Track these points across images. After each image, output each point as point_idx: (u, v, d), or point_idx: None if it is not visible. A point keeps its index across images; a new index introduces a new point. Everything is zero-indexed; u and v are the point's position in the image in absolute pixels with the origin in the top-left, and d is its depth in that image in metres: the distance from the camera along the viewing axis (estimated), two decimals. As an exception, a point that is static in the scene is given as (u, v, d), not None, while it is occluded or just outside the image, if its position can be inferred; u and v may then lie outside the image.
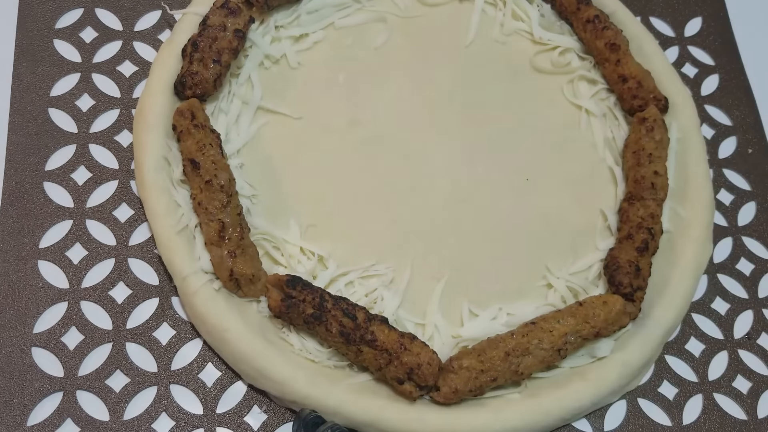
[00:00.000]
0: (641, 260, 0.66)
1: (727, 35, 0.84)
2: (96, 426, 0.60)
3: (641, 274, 0.66)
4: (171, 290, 0.65)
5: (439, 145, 0.73)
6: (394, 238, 0.68)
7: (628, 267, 0.66)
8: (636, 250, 0.66)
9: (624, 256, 0.67)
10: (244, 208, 0.65)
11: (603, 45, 0.75)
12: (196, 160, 0.63)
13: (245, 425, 0.61)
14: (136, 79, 0.72)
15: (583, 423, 0.64)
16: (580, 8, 0.76)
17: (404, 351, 0.59)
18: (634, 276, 0.66)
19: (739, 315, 0.71)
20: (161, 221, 0.63)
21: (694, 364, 0.68)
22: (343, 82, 0.74)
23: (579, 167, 0.74)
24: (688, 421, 0.66)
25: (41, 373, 0.61)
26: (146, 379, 0.62)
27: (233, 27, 0.68)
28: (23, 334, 0.62)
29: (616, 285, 0.66)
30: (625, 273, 0.66)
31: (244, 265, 0.61)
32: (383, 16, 0.77)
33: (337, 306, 0.60)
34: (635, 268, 0.66)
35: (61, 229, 0.66)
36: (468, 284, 0.67)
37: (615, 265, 0.67)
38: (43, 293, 0.63)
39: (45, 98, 0.70)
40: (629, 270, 0.66)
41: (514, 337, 0.61)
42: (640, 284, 0.66)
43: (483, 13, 0.79)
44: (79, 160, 0.68)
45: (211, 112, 0.69)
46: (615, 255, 0.67)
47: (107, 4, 0.75)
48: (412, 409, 0.60)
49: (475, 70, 0.76)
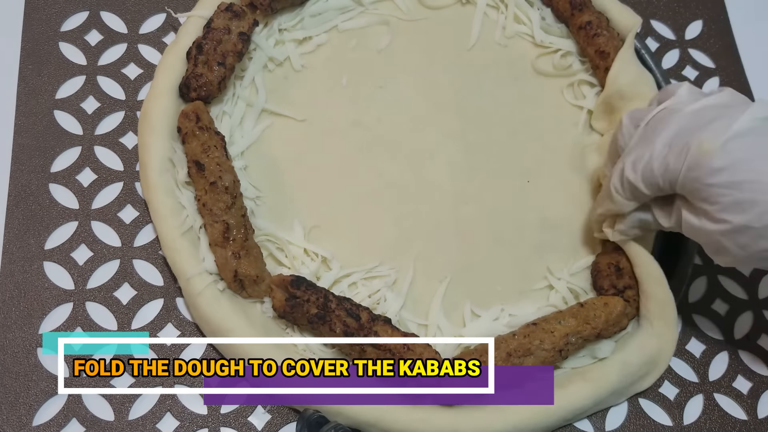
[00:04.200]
0: (621, 260, 0.66)
1: (727, 38, 0.84)
2: (101, 426, 0.60)
3: (623, 272, 0.66)
4: (176, 291, 0.65)
5: (442, 147, 0.73)
6: (397, 240, 0.68)
7: (607, 269, 0.66)
8: (614, 250, 0.66)
9: (604, 260, 0.67)
10: (248, 209, 0.65)
11: (593, 52, 0.75)
12: (201, 162, 0.63)
13: (249, 425, 0.62)
14: (141, 81, 0.73)
15: (585, 423, 0.65)
16: (574, 14, 0.77)
17: (407, 351, 0.59)
18: (616, 277, 0.66)
19: (739, 316, 0.71)
20: (166, 222, 0.63)
21: (694, 364, 0.68)
22: (346, 84, 0.74)
23: (580, 169, 0.74)
24: (688, 421, 0.66)
25: (47, 374, 0.61)
26: (151, 379, 0.62)
27: (237, 30, 0.69)
28: (29, 335, 0.62)
29: (598, 290, 0.66)
30: (605, 276, 0.66)
31: (248, 266, 0.61)
32: (386, 19, 0.77)
33: (341, 306, 0.60)
34: (615, 268, 0.66)
35: (67, 230, 0.66)
36: (470, 285, 0.68)
37: (596, 270, 0.67)
38: (48, 294, 0.64)
39: (51, 100, 0.71)
40: (609, 272, 0.66)
41: (515, 338, 0.62)
42: (627, 283, 0.65)
43: (485, 16, 0.79)
44: (84, 162, 0.69)
45: (215, 115, 0.69)
46: (597, 261, 0.67)
47: (112, 7, 0.75)
48: (416, 409, 0.60)
49: (477, 72, 0.77)
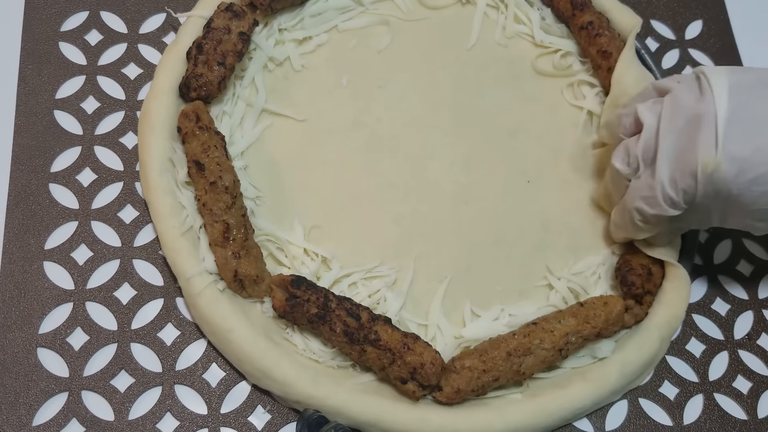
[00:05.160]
0: (653, 267, 0.67)
1: (727, 38, 0.84)
2: (101, 426, 0.60)
3: (653, 279, 0.66)
4: (175, 291, 0.65)
5: (442, 147, 0.73)
6: (397, 240, 0.68)
7: (641, 269, 0.66)
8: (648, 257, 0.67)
9: (637, 260, 0.67)
10: (248, 209, 0.65)
11: (595, 52, 0.75)
12: (201, 162, 0.63)
13: (249, 425, 0.62)
14: (140, 81, 0.73)
15: (585, 423, 0.65)
16: (575, 14, 0.77)
17: (407, 351, 0.59)
18: (646, 279, 0.66)
19: (739, 316, 0.71)
20: (166, 222, 0.63)
21: (694, 364, 0.68)
22: (346, 84, 0.74)
23: (580, 169, 0.74)
24: (688, 421, 0.66)
25: (47, 374, 0.61)
26: (151, 379, 0.62)
27: (237, 30, 0.69)
28: (29, 335, 0.62)
29: (628, 285, 0.66)
30: (637, 275, 0.66)
31: (248, 266, 0.61)
32: (386, 19, 0.77)
33: (341, 306, 0.60)
34: (647, 271, 0.66)
35: (67, 230, 0.66)
36: (470, 285, 0.68)
37: (628, 266, 0.67)
38: (48, 294, 0.64)
39: (50, 100, 0.71)
40: (641, 272, 0.66)
41: (515, 338, 0.62)
42: (650, 288, 0.66)
43: (485, 16, 0.79)
44: (84, 161, 0.69)
45: (215, 115, 0.69)
46: (628, 258, 0.68)
47: (112, 7, 0.75)
48: (415, 409, 0.60)
49: (477, 72, 0.77)
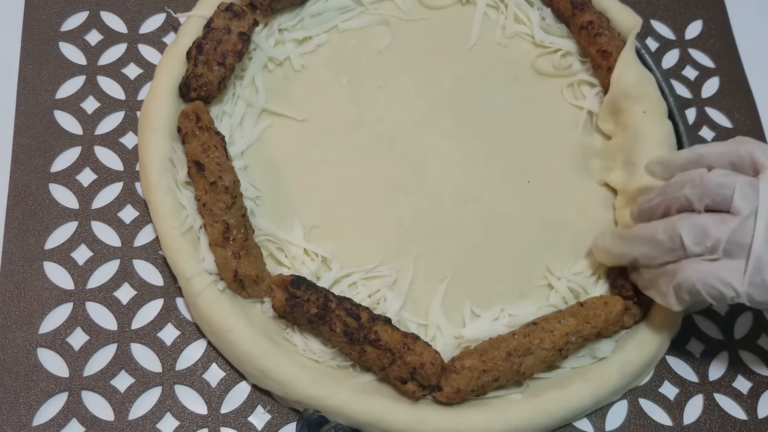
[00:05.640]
0: None
1: (727, 38, 0.84)
2: (101, 426, 0.60)
3: None
4: (175, 291, 0.65)
5: (442, 147, 0.73)
6: (397, 240, 0.68)
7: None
8: None
9: None
10: (248, 209, 0.65)
11: (595, 51, 0.75)
12: (201, 162, 0.63)
13: (249, 425, 0.62)
14: (140, 81, 0.73)
15: (585, 423, 0.65)
16: (575, 14, 0.77)
17: (407, 351, 0.59)
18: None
19: (739, 316, 0.71)
20: (166, 222, 0.63)
21: (694, 364, 0.68)
22: (346, 84, 0.74)
23: (580, 169, 0.74)
24: (688, 421, 0.66)
25: (47, 374, 0.61)
26: (151, 379, 0.62)
27: (237, 30, 0.69)
28: (29, 335, 0.62)
29: (618, 288, 0.66)
30: (626, 277, 0.66)
31: (248, 266, 0.61)
32: (386, 19, 0.77)
33: (341, 306, 0.60)
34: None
35: (67, 230, 0.66)
36: (470, 285, 0.68)
37: (618, 269, 0.67)
38: (48, 294, 0.64)
39: (50, 100, 0.71)
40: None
41: (515, 338, 0.62)
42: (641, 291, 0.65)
43: (485, 16, 0.79)
44: (84, 161, 0.69)
45: (215, 115, 0.69)
46: None
47: (112, 7, 0.75)
48: (415, 409, 0.60)
49: (477, 72, 0.77)
